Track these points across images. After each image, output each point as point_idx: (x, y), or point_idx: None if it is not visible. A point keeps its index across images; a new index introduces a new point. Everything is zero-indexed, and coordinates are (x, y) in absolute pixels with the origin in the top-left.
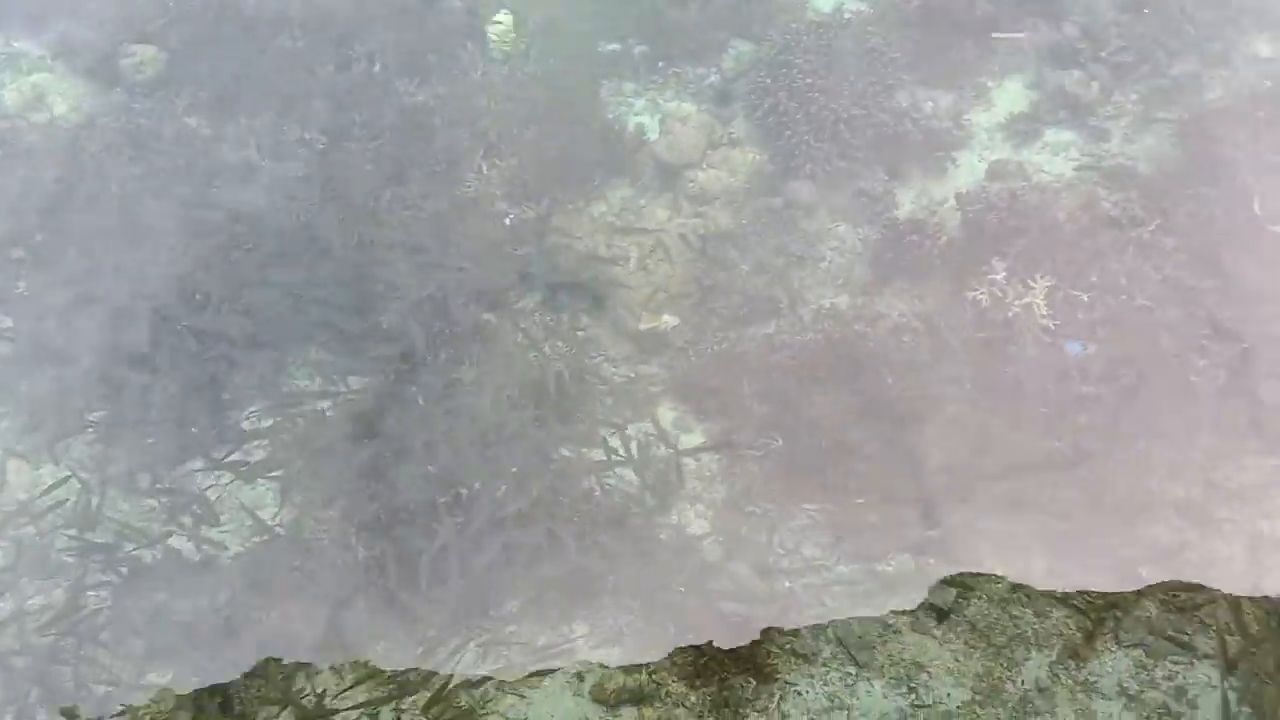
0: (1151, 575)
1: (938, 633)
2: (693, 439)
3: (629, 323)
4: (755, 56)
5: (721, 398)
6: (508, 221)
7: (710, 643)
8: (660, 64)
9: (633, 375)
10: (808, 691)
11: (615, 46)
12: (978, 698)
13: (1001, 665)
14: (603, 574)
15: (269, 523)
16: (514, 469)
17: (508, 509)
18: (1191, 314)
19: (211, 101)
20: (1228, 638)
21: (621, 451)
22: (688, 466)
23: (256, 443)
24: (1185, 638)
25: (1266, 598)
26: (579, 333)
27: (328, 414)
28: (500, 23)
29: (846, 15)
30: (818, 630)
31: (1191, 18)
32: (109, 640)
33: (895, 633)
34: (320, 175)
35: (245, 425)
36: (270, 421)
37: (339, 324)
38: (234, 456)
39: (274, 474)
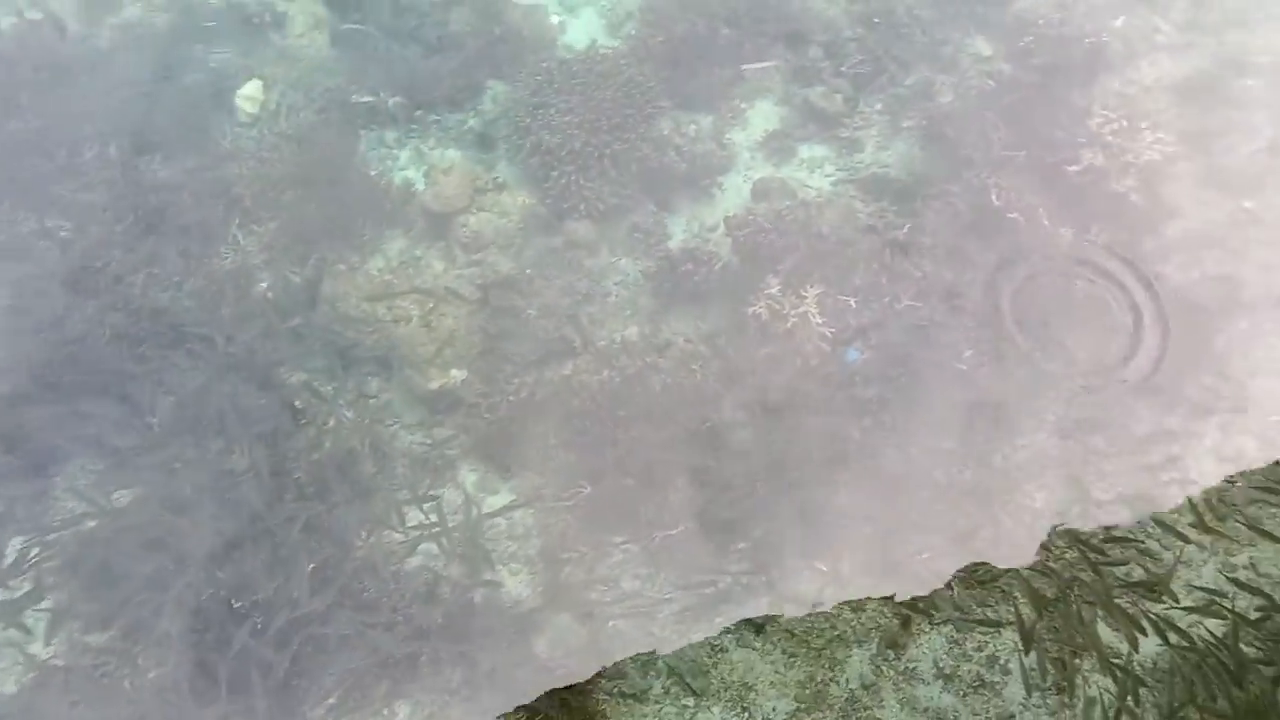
0: (951, 558)
1: (757, 644)
2: (499, 499)
3: (418, 383)
4: (511, 97)
5: (524, 450)
6: (270, 295)
7: (541, 699)
8: (418, 113)
9: (429, 441)
10: None
11: (369, 99)
12: (802, 706)
13: (823, 668)
14: (419, 652)
15: (41, 658)
16: (311, 564)
17: (308, 607)
18: (953, 307)
19: None
20: (1022, 607)
21: (426, 523)
22: (498, 527)
23: (20, 577)
24: (989, 611)
25: (1048, 566)
26: (369, 400)
27: (96, 533)
28: (248, 91)
29: (602, 51)
30: (648, 666)
31: (919, 20)
32: None
33: (722, 651)
34: (64, 268)
35: (6, 560)
36: (35, 551)
37: (101, 435)
38: None
39: (42, 606)
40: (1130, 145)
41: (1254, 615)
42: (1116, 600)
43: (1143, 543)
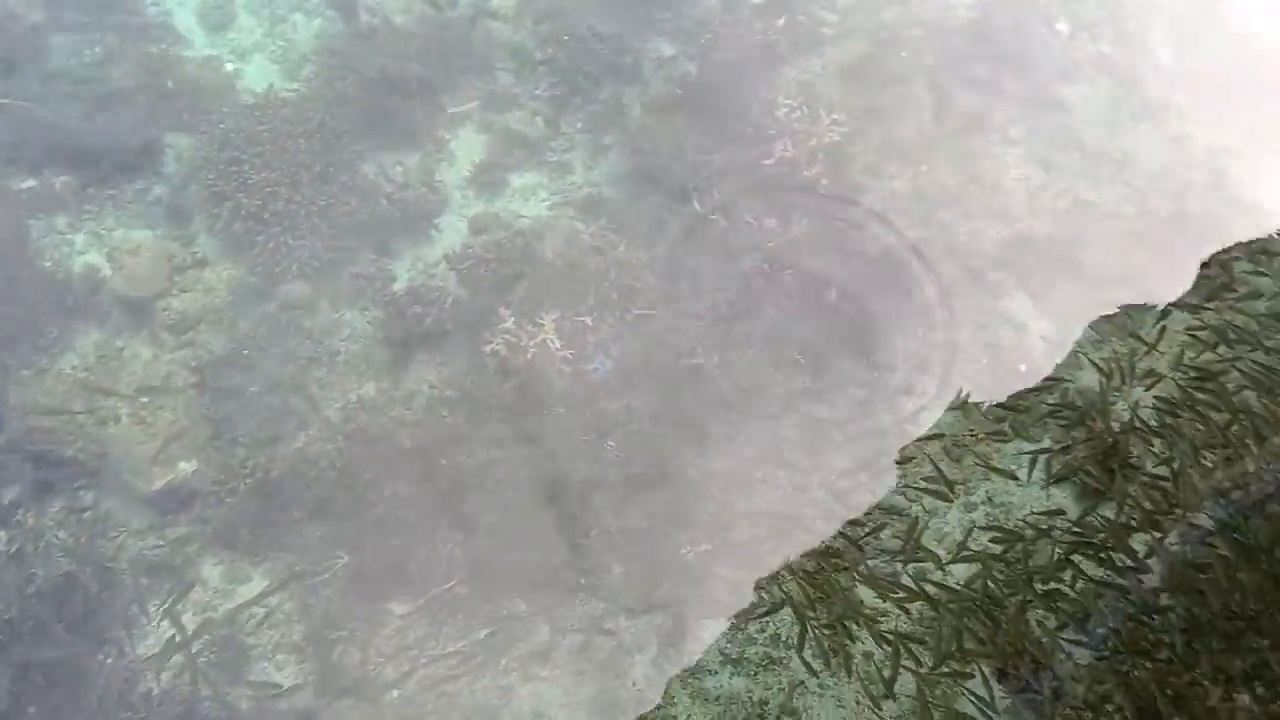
0: (716, 549)
1: (545, 674)
2: (252, 587)
3: (140, 486)
4: (198, 154)
5: (271, 531)
6: None
7: None
8: (89, 190)
9: (163, 542)
10: None
11: (32, 182)
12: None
13: (610, 678)
14: None
15: None
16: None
17: None
18: (679, 310)
19: None
20: (788, 585)
21: (168, 634)
22: (255, 618)
23: None
24: (764, 593)
25: (810, 540)
26: (83, 515)
27: None
28: None
29: (283, 95)
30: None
31: (601, 36)
32: None
33: (511, 690)
34: None
35: None
36: None
37: None
38: None
39: None
40: (814, 130)
41: (998, 550)
42: (874, 563)
43: (890, 503)
